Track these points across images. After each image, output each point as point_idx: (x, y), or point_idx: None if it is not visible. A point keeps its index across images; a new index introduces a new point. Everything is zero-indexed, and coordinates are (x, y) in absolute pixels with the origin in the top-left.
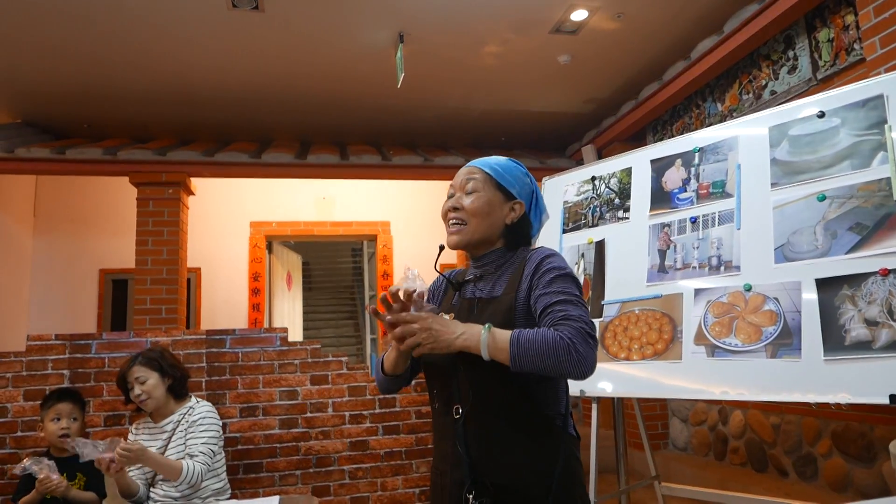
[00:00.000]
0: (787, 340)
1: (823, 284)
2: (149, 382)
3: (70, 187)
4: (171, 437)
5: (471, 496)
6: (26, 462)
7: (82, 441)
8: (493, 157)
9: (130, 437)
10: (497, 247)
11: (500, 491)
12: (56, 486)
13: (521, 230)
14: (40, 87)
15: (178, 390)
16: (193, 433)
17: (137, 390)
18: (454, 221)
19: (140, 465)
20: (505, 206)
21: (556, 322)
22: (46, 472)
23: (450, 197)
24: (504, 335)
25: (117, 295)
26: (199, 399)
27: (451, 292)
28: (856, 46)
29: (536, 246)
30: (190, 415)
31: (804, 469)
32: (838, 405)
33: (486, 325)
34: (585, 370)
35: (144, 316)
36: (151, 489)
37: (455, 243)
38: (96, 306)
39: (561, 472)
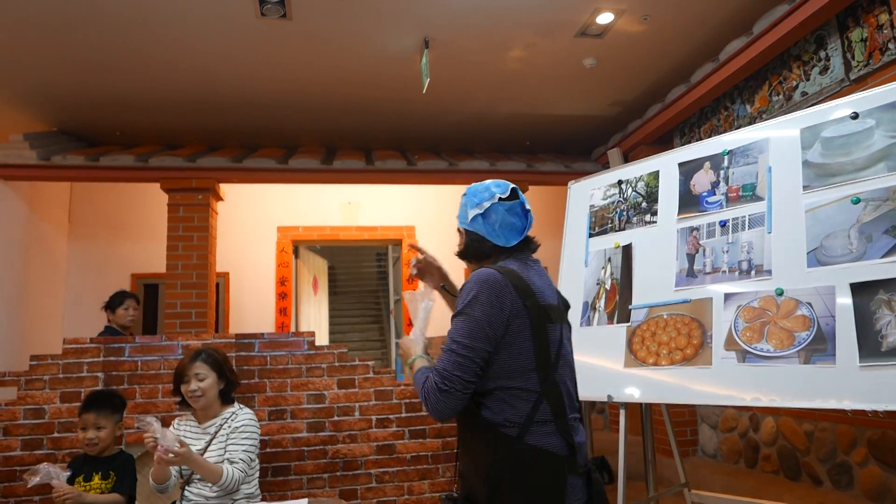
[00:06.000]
0: (820, 346)
1: (858, 289)
2: (207, 381)
3: (103, 193)
4: (212, 440)
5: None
6: (42, 469)
7: (162, 430)
8: None
9: (172, 430)
10: (473, 265)
11: (462, 479)
12: (68, 494)
13: (474, 249)
14: (75, 97)
15: (228, 395)
16: (235, 439)
17: (194, 385)
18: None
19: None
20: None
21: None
22: (59, 482)
23: None
24: (417, 366)
25: (148, 299)
26: (242, 406)
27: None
28: (890, 46)
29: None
30: (233, 420)
31: (839, 477)
32: (875, 412)
33: (415, 357)
34: (436, 418)
35: (175, 320)
36: (186, 488)
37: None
38: None
39: (508, 477)
